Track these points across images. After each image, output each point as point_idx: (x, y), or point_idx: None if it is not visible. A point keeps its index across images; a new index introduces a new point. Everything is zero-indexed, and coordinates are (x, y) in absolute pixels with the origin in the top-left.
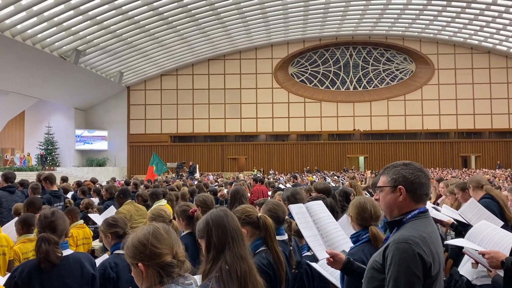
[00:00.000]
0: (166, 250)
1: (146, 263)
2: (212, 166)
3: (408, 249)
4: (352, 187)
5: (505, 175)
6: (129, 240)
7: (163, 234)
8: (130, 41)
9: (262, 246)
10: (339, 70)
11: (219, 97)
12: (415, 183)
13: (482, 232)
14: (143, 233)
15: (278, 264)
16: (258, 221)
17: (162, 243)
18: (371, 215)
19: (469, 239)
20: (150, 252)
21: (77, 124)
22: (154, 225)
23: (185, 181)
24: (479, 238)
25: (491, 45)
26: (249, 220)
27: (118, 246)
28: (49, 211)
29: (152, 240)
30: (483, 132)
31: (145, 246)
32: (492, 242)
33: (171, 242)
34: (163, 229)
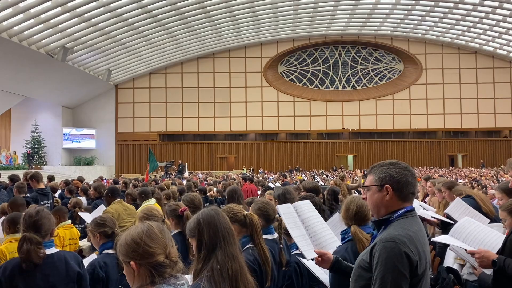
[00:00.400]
0: (159, 250)
1: (138, 261)
2: (201, 165)
3: (395, 248)
4: (338, 186)
5: (491, 173)
6: (122, 238)
7: (157, 233)
8: (118, 38)
9: (249, 243)
10: (328, 69)
11: (208, 95)
12: (402, 182)
13: (466, 229)
14: (137, 231)
15: (264, 260)
16: (244, 219)
17: (156, 242)
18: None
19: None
20: (143, 251)
21: (65, 122)
22: (148, 223)
23: (174, 180)
24: (463, 235)
25: (478, 45)
26: (236, 218)
27: (107, 246)
28: (34, 210)
29: (145, 239)
30: (470, 131)
31: (138, 245)
32: (477, 239)
33: (165, 241)
34: (157, 228)
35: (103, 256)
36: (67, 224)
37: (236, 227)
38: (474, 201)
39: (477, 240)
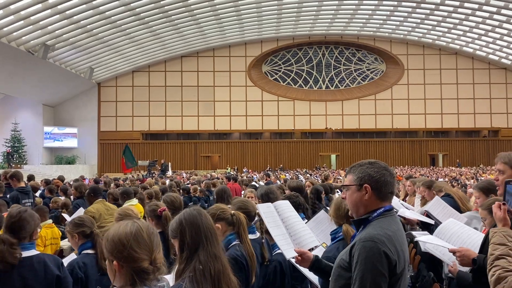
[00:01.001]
0: (145, 256)
1: (121, 263)
2: (185, 164)
3: (374, 248)
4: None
5: (471, 172)
6: (110, 232)
7: (145, 238)
8: (101, 36)
9: (235, 240)
10: (312, 69)
11: (192, 94)
12: (380, 181)
13: (451, 229)
14: (125, 231)
15: (251, 256)
16: (231, 217)
17: (142, 247)
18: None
19: (437, 236)
20: (127, 254)
21: (46, 121)
22: (138, 225)
23: (157, 180)
24: (447, 235)
25: (458, 46)
26: (223, 216)
27: (86, 246)
28: (16, 211)
29: (132, 243)
30: (450, 131)
31: (124, 247)
32: (460, 240)
33: (152, 247)
34: (146, 231)
35: (82, 257)
36: (48, 223)
37: (223, 225)
38: (453, 200)
39: (460, 240)
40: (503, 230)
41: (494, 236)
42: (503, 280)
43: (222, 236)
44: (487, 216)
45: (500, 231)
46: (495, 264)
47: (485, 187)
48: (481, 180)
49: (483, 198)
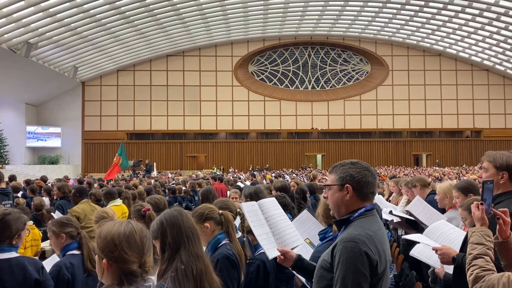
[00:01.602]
0: (135, 258)
1: (111, 262)
2: (171, 164)
3: (355, 248)
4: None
5: (453, 172)
6: (103, 230)
7: (137, 241)
8: (85, 35)
9: (225, 240)
10: (298, 70)
11: (178, 94)
12: (362, 181)
13: (440, 229)
14: (119, 231)
15: (240, 255)
16: (220, 216)
17: (133, 250)
18: None
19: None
20: (118, 255)
21: (28, 120)
22: (132, 226)
23: (142, 180)
24: (436, 235)
25: (442, 48)
26: (211, 215)
27: (72, 247)
28: (1, 213)
29: (124, 244)
30: (434, 131)
31: (115, 247)
32: (448, 240)
33: (143, 250)
34: (139, 234)
35: (69, 257)
36: (28, 225)
37: (212, 224)
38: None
39: (448, 240)
40: (481, 230)
41: (472, 235)
42: (481, 279)
43: (211, 236)
44: (467, 216)
45: (478, 231)
46: (473, 264)
47: (463, 187)
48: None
49: (462, 198)
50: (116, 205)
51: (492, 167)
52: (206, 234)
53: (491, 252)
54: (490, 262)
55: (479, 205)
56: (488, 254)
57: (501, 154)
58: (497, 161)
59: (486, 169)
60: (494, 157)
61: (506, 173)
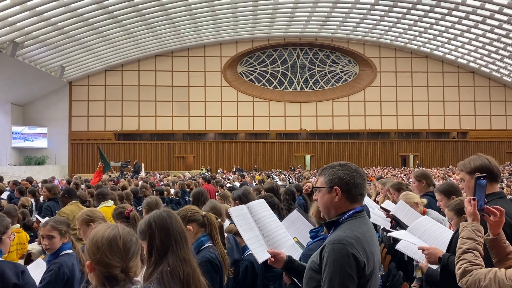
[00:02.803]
0: (116, 263)
1: (94, 265)
2: (159, 164)
3: (342, 250)
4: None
5: (440, 173)
6: (93, 231)
7: (119, 245)
8: (72, 34)
9: (208, 242)
10: (286, 71)
11: (166, 94)
12: (350, 183)
13: (424, 226)
14: (103, 235)
15: (223, 257)
16: (203, 218)
17: (114, 254)
18: None
19: (411, 232)
20: (99, 258)
21: (14, 120)
22: (118, 231)
23: (130, 181)
24: (420, 232)
25: (429, 50)
26: (194, 217)
27: (67, 246)
28: None
29: (105, 248)
30: (421, 132)
31: (98, 249)
32: (432, 236)
33: (126, 255)
34: (124, 238)
35: (67, 256)
36: (15, 228)
37: (194, 227)
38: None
39: (432, 237)
40: (472, 225)
41: (464, 230)
42: (468, 273)
43: (193, 238)
44: (454, 217)
45: (470, 226)
46: (462, 258)
47: (445, 189)
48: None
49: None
50: (107, 206)
51: (465, 174)
52: (188, 237)
53: (481, 247)
54: (479, 257)
55: (471, 200)
56: (478, 249)
57: (468, 160)
58: (467, 166)
59: (462, 179)
60: (464, 164)
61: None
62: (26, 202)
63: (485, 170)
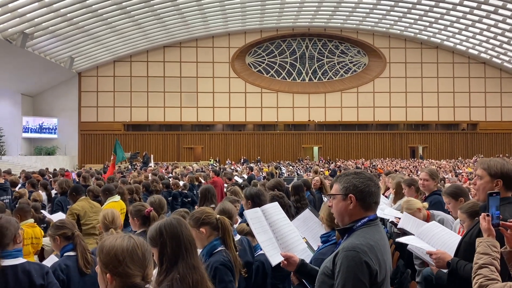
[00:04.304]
0: (138, 272)
1: (114, 277)
2: (168, 155)
3: (356, 257)
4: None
5: (449, 165)
6: (106, 244)
7: (139, 255)
8: (81, 25)
9: (220, 246)
10: (295, 61)
11: (174, 85)
12: (365, 192)
13: (432, 231)
14: (122, 247)
15: (235, 261)
16: (216, 222)
17: (136, 264)
18: None
19: (419, 237)
20: (122, 270)
21: (24, 111)
22: (135, 241)
23: (139, 172)
24: (428, 237)
25: (439, 40)
26: (208, 220)
27: (67, 248)
28: None
29: (127, 260)
30: (430, 124)
31: (119, 263)
32: (440, 241)
33: (145, 263)
34: (141, 248)
35: (64, 259)
36: (29, 223)
37: (208, 230)
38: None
39: (440, 242)
40: (487, 240)
41: (479, 245)
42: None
43: (206, 241)
44: (466, 219)
45: (485, 241)
46: (478, 273)
47: (452, 192)
48: (447, 186)
49: (453, 203)
50: (114, 201)
51: (486, 174)
52: (201, 239)
53: (497, 262)
54: (495, 271)
55: (486, 216)
56: (494, 264)
57: (495, 162)
58: (492, 168)
59: (480, 176)
60: (488, 164)
61: (500, 180)
62: (38, 197)
63: (508, 177)
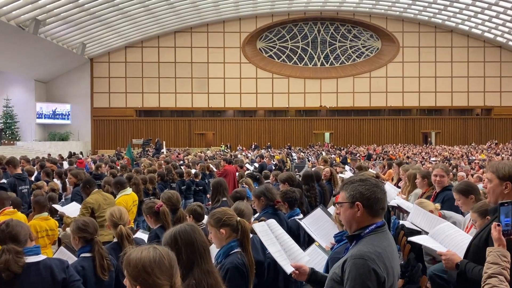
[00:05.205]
0: (166, 281)
1: None
2: (179, 141)
3: (364, 265)
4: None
5: (461, 152)
6: (132, 257)
7: (166, 265)
8: (92, 11)
9: (237, 248)
10: (307, 46)
11: (186, 71)
12: (372, 198)
13: (445, 232)
14: (149, 259)
15: (250, 265)
16: (236, 224)
17: (164, 274)
18: None
19: (432, 237)
20: (152, 282)
21: (38, 97)
22: (159, 251)
23: (151, 160)
24: (441, 237)
25: (454, 24)
26: (229, 222)
27: (85, 250)
28: (3, 224)
29: (156, 270)
30: (444, 109)
31: (148, 274)
32: (453, 242)
33: (172, 272)
34: (167, 258)
35: (80, 260)
36: (43, 216)
37: (227, 231)
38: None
39: (453, 243)
40: (497, 250)
41: (489, 255)
42: None
43: (224, 241)
44: (477, 219)
45: (495, 251)
46: (487, 282)
47: (463, 189)
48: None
49: (463, 200)
50: (126, 194)
51: (495, 177)
52: (220, 239)
53: (506, 272)
54: (504, 281)
55: (496, 226)
56: (503, 273)
57: (503, 165)
58: (500, 171)
59: (489, 180)
60: (496, 167)
61: (509, 183)
62: (55, 186)
63: None
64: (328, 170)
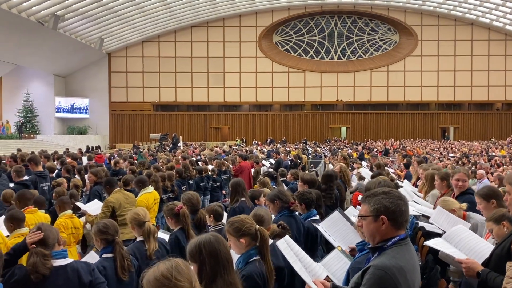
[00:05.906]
0: (188, 285)
1: None
2: (195, 135)
3: (383, 277)
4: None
5: (481, 147)
6: (149, 275)
7: (184, 269)
8: (110, 6)
9: (256, 256)
10: (323, 40)
11: (202, 65)
12: (396, 212)
13: (459, 235)
14: (166, 267)
15: (270, 273)
16: (256, 233)
17: (184, 276)
18: None
19: (446, 240)
20: (174, 286)
21: (57, 91)
22: (174, 259)
23: (168, 155)
24: (455, 240)
25: (474, 17)
26: (248, 232)
27: (106, 250)
28: (34, 228)
29: (175, 274)
30: (463, 104)
31: (169, 280)
32: (467, 246)
33: (191, 276)
34: (183, 263)
35: (102, 261)
36: (68, 213)
37: (247, 240)
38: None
39: (467, 247)
40: None
41: (508, 269)
42: None
43: (244, 249)
44: (493, 226)
45: None
46: None
47: (485, 193)
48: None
49: (485, 204)
50: (148, 192)
51: None
52: (239, 248)
53: None
54: None
55: None
56: None
57: None
58: None
59: (508, 192)
60: None
61: None
62: (78, 183)
63: None
64: (339, 168)
